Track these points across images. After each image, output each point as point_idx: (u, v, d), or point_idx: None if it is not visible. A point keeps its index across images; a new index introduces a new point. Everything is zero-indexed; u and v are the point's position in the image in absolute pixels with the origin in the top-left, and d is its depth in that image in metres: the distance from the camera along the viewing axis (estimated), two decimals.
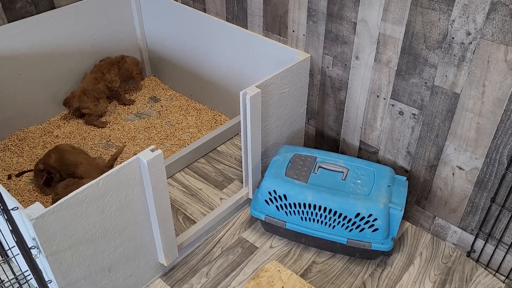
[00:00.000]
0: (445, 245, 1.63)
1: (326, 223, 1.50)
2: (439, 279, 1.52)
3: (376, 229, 1.45)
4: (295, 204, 1.51)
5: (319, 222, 1.51)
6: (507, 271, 1.51)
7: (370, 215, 1.44)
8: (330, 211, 1.47)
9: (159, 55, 2.42)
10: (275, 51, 1.79)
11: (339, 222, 1.48)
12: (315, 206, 1.48)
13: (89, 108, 2.17)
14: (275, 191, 1.53)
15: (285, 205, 1.53)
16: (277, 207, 1.55)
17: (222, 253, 1.61)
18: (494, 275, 1.53)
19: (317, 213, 1.49)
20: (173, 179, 1.89)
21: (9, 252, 1.43)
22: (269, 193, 1.54)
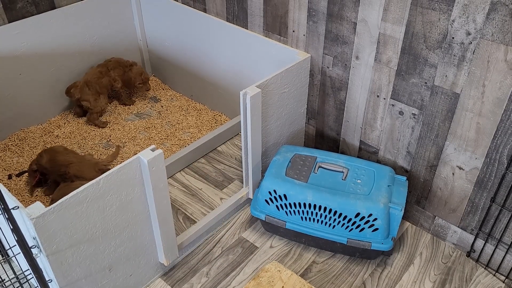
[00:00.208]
0: (445, 245, 1.63)
1: (326, 223, 1.50)
2: (439, 279, 1.52)
3: (376, 229, 1.45)
4: (295, 204, 1.51)
5: (319, 222, 1.51)
6: (507, 271, 1.51)
7: (370, 215, 1.44)
8: (330, 211, 1.47)
9: (160, 55, 2.42)
10: (275, 51, 1.80)
11: (339, 222, 1.48)
12: (315, 206, 1.49)
13: (89, 101, 2.16)
14: (275, 191, 1.53)
15: (285, 205, 1.53)
16: (277, 207, 1.55)
17: (222, 253, 1.61)
18: (494, 275, 1.53)
19: (317, 213, 1.49)
20: (174, 179, 1.89)
21: (9, 251, 1.44)
22: (269, 193, 1.54)
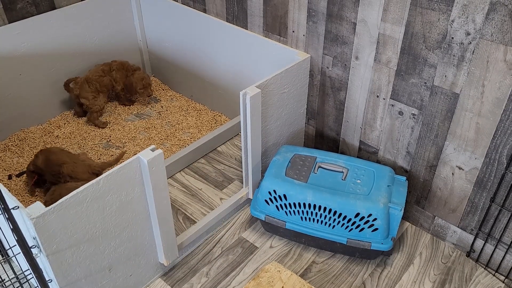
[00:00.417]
0: (445, 245, 1.63)
1: (326, 223, 1.50)
2: (439, 279, 1.52)
3: (376, 229, 1.46)
4: (295, 204, 1.51)
5: (319, 222, 1.51)
6: (507, 271, 1.51)
7: (369, 215, 1.44)
8: (330, 211, 1.47)
9: (160, 55, 2.42)
10: (275, 52, 1.80)
11: (339, 222, 1.48)
12: (315, 206, 1.49)
13: (87, 99, 2.15)
14: (275, 191, 1.53)
15: (285, 205, 1.53)
16: (277, 207, 1.55)
17: (222, 253, 1.61)
18: (493, 275, 1.53)
19: (317, 213, 1.50)
20: (173, 179, 1.89)
21: (9, 251, 1.44)
22: (269, 193, 1.54)
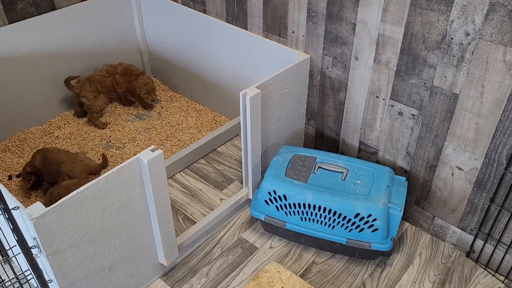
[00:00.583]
0: (445, 245, 1.63)
1: (325, 223, 1.50)
2: (439, 279, 1.52)
3: (375, 229, 1.46)
4: (295, 204, 1.51)
5: (319, 222, 1.51)
6: (506, 271, 1.51)
7: (369, 215, 1.44)
8: (329, 211, 1.48)
9: (160, 56, 2.42)
10: (275, 52, 1.80)
11: (339, 222, 1.48)
12: (314, 206, 1.49)
13: (88, 98, 2.14)
14: (275, 192, 1.53)
15: (285, 205, 1.53)
16: (277, 207, 1.55)
17: (222, 253, 1.61)
18: (493, 275, 1.53)
19: (316, 213, 1.50)
20: (173, 180, 1.89)
21: (9, 251, 1.44)
22: (269, 193, 1.54)
